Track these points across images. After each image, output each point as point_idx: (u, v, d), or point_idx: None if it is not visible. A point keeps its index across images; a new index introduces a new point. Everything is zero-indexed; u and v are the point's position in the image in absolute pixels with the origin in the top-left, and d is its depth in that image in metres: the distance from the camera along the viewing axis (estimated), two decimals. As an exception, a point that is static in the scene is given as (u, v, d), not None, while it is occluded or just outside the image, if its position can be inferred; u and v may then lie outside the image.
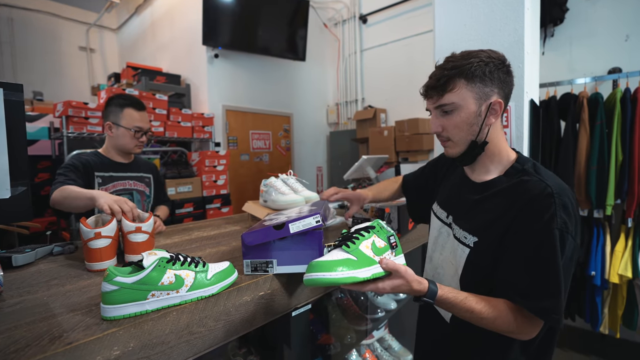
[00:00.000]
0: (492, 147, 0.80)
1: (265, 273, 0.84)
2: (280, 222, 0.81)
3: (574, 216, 0.70)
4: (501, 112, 0.78)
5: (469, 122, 0.77)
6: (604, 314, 2.12)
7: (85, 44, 4.97)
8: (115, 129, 1.44)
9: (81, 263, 0.97)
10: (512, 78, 0.79)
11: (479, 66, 0.74)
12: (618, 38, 2.52)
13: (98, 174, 1.41)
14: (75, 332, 0.57)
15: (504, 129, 1.44)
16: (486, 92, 0.76)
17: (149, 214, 1.03)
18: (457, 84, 0.76)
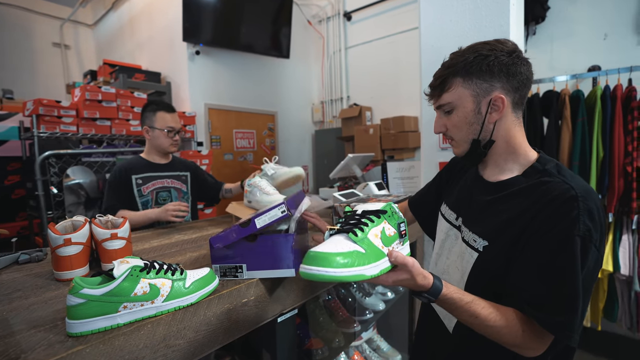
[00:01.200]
0: (505, 145, 0.74)
1: (234, 278, 0.81)
2: (245, 219, 0.78)
3: (599, 224, 0.62)
4: (504, 107, 0.71)
5: (467, 121, 0.74)
6: (586, 307, 2.16)
7: (60, 40, 4.76)
8: (151, 132, 1.60)
9: (49, 272, 0.90)
10: (524, 68, 0.71)
11: (476, 61, 0.70)
12: (597, 36, 2.58)
13: (136, 177, 1.56)
14: (35, 352, 0.52)
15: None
16: (485, 88, 0.71)
17: (123, 219, 0.97)
18: (453, 82, 0.73)
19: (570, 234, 0.61)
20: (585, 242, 0.61)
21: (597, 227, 0.62)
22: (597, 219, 0.62)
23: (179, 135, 1.64)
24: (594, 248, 0.61)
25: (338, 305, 1.35)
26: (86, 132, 2.48)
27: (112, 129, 2.62)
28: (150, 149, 1.65)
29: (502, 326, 0.64)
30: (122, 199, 1.53)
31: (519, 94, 0.72)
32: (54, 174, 2.30)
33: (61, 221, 0.93)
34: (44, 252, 1.04)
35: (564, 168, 0.71)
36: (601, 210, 0.64)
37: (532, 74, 0.73)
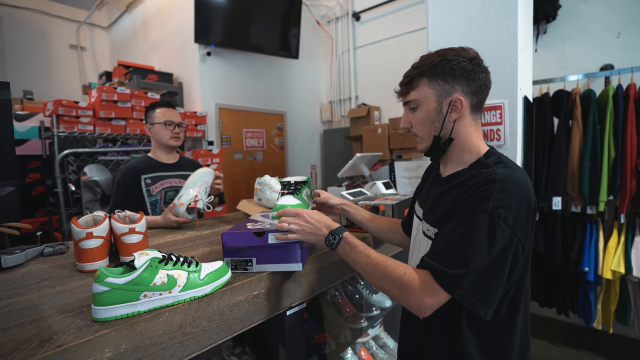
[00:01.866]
0: (461, 143, 0.82)
1: (245, 271, 0.85)
2: (261, 230, 0.83)
3: (516, 205, 0.67)
4: (463, 108, 0.78)
5: (430, 118, 0.80)
6: (597, 309, 2.14)
7: (76, 42, 4.90)
8: (152, 128, 1.63)
9: (72, 264, 0.95)
10: (483, 75, 0.78)
11: (441, 64, 0.77)
12: (610, 35, 2.55)
13: (145, 176, 1.59)
14: (65, 335, 0.56)
15: (496, 125, 1.45)
16: (447, 90, 0.78)
17: (140, 215, 1.01)
18: (420, 82, 0.80)
19: (477, 209, 0.68)
20: (493, 218, 0.66)
21: (512, 208, 0.66)
22: (515, 200, 0.67)
23: (179, 129, 1.65)
24: (503, 224, 0.66)
25: (345, 302, 1.38)
26: (102, 132, 2.56)
27: (126, 128, 2.69)
28: (155, 146, 1.68)
29: (393, 268, 0.71)
30: (129, 198, 1.53)
31: (477, 97, 0.79)
32: (72, 171, 2.39)
33: (80, 217, 0.98)
34: (66, 245, 1.10)
35: (506, 161, 0.77)
36: (528, 196, 0.69)
37: (490, 82, 0.81)
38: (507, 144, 1.44)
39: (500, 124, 1.44)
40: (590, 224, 2.17)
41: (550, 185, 2.16)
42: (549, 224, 2.29)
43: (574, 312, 2.27)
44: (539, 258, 2.30)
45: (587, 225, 2.17)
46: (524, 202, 0.68)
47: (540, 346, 2.35)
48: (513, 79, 1.42)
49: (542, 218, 2.32)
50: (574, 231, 2.22)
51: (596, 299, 2.16)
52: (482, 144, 0.82)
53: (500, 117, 1.44)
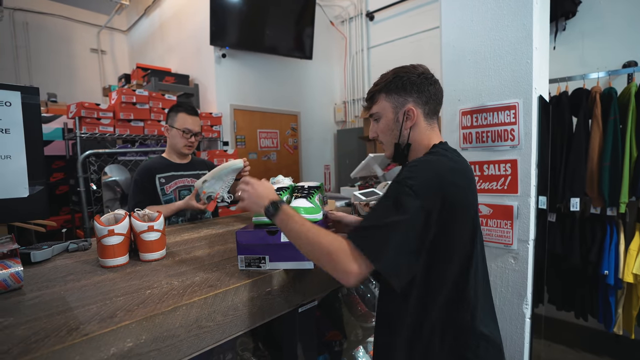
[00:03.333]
0: (419, 147, 0.91)
1: (258, 268, 0.88)
2: (274, 228, 0.86)
3: (424, 177, 0.75)
4: (415, 117, 0.88)
5: (389, 127, 0.92)
6: (617, 314, 2.08)
7: (97, 46, 5.07)
8: (170, 131, 1.66)
9: (95, 260, 1.00)
10: (432, 87, 0.89)
11: (394, 81, 0.89)
12: (633, 30, 2.46)
13: (160, 176, 1.63)
14: (90, 325, 0.60)
15: (511, 125, 1.43)
16: (401, 102, 0.89)
17: (158, 213, 1.05)
18: (379, 97, 0.93)
19: (390, 185, 0.79)
20: (399, 186, 0.75)
21: (416, 178, 0.75)
22: (419, 173, 0.76)
23: (195, 138, 1.68)
24: (407, 190, 0.73)
25: (357, 300, 1.39)
26: (122, 133, 2.65)
27: (144, 129, 2.78)
28: (169, 148, 1.71)
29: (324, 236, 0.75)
30: (147, 196, 1.59)
31: (429, 106, 0.90)
32: (94, 171, 2.48)
33: (102, 215, 1.03)
34: (89, 242, 1.15)
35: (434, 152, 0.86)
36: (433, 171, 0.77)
37: (440, 91, 0.92)
38: (521, 144, 1.42)
39: (514, 123, 1.42)
40: (611, 226, 2.11)
41: (568, 186, 2.11)
42: (567, 226, 2.24)
43: (593, 316, 2.21)
44: (556, 260, 2.24)
45: (607, 227, 2.11)
46: (430, 175, 0.77)
47: (558, 350, 2.30)
48: (528, 78, 1.39)
49: (559, 219, 2.26)
50: (592, 233, 2.16)
51: (617, 303, 2.09)
52: (433, 140, 0.91)
53: (514, 117, 1.41)
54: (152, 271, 0.90)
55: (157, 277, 0.85)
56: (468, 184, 0.83)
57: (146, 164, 1.66)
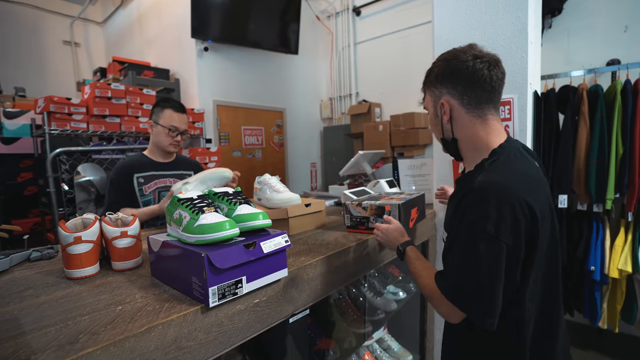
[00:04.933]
0: (468, 142, 0.83)
1: (234, 296, 0.70)
2: (250, 241, 0.73)
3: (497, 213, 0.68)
4: (450, 109, 0.81)
5: (432, 122, 0.89)
6: (602, 309, 2.10)
7: (70, 38, 4.80)
8: (154, 127, 1.56)
9: (61, 270, 0.89)
10: (467, 71, 0.77)
11: (431, 72, 0.85)
12: (617, 29, 2.49)
13: (138, 175, 1.53)
14: (45, 354, 0.50)
15: (505, 121, 1.39)
16: (436, 95, 0.84)
17: (132, 217, 0.95)
18: (426, 91, 0.90)
19: (461, 224, 0.73)
20: (472, 231, 0.70)
21: (489, 217, 0.68)
22: (491, 210, 0.68)
23: (181, 137, 1.60)
24: (483, 236, 0.68)
25: (349, 305, 1.33)
26: (96, 129, 2.49)
27: (121, 126, 2.62)
28: (152, 145, 1.61)
29: (423, 280, 0.85)
30: (124, 197, 1.49)
31: (468, 95, 0.79)
32: (65, 171, 2.32)
33: (72, 218, 0.92)
34: (55, 249, 1.04)
35: (499, 162, 0.76)
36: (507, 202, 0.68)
37: (487, 73, 0.77)
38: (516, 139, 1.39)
39: (509, 119, 1.38)
40: (597, 222, 2.13)
41: (555, 183, 2.11)
42: (555, 223, 2.25)
43: (579, 312, 2.23)
44: (544, 257, 2.25)
45: (594, 223, 2.13)
46: (505, 209, 0.68)
47: (545, 346, 2.31)
48: (523, 73, 1.36)
49: (547, 216, 2.27)
50: (580, 229, 2.18)
51: (602, 298, 2.12)
52: (492, 140, 0.81)
53: (509, 113, 1.38)
54: (125, 283, 0.81)
55: (131, 289, 0.76)
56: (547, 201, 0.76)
57: (124, 162, 1.56)
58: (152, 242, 0.83)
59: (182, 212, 0.78)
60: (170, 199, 1.30)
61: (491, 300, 0.69)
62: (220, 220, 0.72)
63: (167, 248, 0.78)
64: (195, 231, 0.73)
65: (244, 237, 0.77)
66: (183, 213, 0.78)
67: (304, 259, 0.94)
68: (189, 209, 0.77)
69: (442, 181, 1.64)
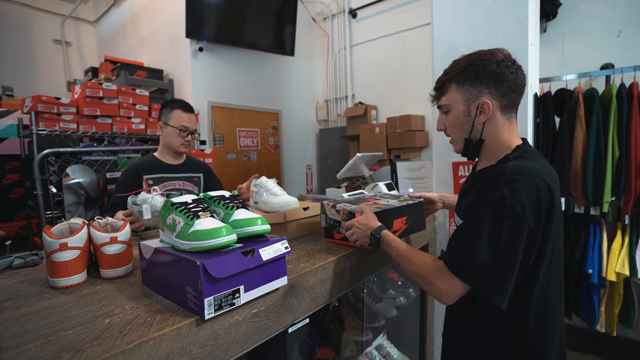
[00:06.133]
0: (494, 143, 0.84)
1: (231, 307, 0.66)
2: (248, 248, 0.69)
3: (526, 194, 0.70)
4: (491, 111, 0.80)
5: (460, 121, 0.85)
6: (600, 312, 2.10)
7: (61, 37, 4.70)
8: (164, 129, 1.57)
9: (45, 278, 0.84)
10: (513, 75, 0.80)
11: (467, 70, 0.81)
12: (610, 33, 2.51)
13: (148, 177, 1.53)
14: (23, 375, 0.46)
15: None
16: (474, 94, 0.81)
17: (123, 222, 0.91)
18: (449, 87, 0.85)
19: (486, 201, 0.73)
20: (498, 208, 0.70)
21: (518, 197, 0.69)
22: (521, 190, 0.70)
23: (192, 137, 1.60)
24: (509, 213, 0.69)
25: (348, 312, 1.29)
26: (86, 130, 2.42)
27: (113, 126, 2.56)
28: (163, 147, 1.62)
29: (416, 259, 0.81)
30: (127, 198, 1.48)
31: (507, 98, 0.81)
32: (53, 172, 2.25)
33: (60, 222, 0.88)
34: (39, 255, 0.99)
35: (527, 155, 0.80)
36: (535, 187, 0.71)
37: (522, 80, 0.82)
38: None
39: (510, 122, 1.37)
40: (594, 225, 2.12)
41: (553, 186, 2.11)
42: (552, 226, 2.24)
43: (577, 315, 2.22)
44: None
45: (591, 226, 2.12)
46: (534, 191, 0.71)
47: (543, 350, 2.30)
48: (524, 75, 1.34)
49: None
50: (577, 232, 2.17)
51: (599, 301, 2.11)
52: (514, 140, 0.84)
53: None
54: (115, 292, 0.76)
55: (120, 300, 0.71)
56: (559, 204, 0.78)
57: (134, 163, 1.59)
58: (144, 249, 0.79)
59: (176, 217, 0.74)
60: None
61: (506, 278, 0.70)
62: (217, 226, 0.68)
63: (160, 255, 0.73)
64: (190, 238, 0.68)
65: (242, 243, 0.73)
66: (177, 218, 0.74)
67: (304, 266, 0.90)
68: (183, 214, 0.73)
69: (442, 184, 1.62)
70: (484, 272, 0.70)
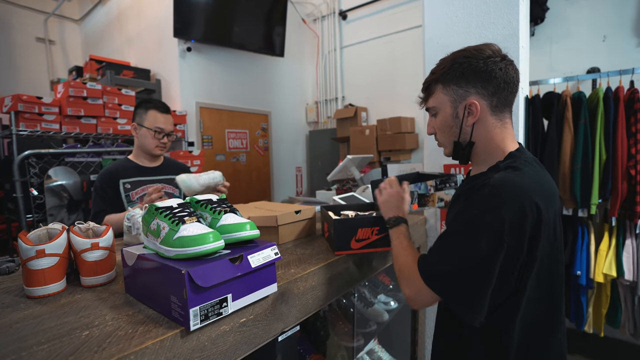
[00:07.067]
0: (485, 146, 0.80)
1: (218, 317, 0.63)
2: (236, 255, 0.65)
3: (508, 212, 0.66)
4: (478, 112, 0.76)
5: (447, 124, 0.80)
6: (588, 313, 2.12)
7: (44, 35, 4.57)
8: (139, 130, 1.50)
9: (21, 286, 0.79)
10: (502, 72, 0.74)
11: (452, 69, 0.76)
12: (596, 38, 2.56)
13: (124, 181, 1.47)
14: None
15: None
16: (461, 94, 0.77)
17: (105, 227, 0.87)
18: (435, 88, 0.81)
19: (468, 213, 0.71)
20: (477, 223, 0.68)
21: (498, 213, 0.66)
22: (502, 207, 0.66)
23: (167, 139, 1.53)
24: (487, 230, 0.66)
25: (339, 317, 1.27)
26: (70, 131, 2.34)
27: (97, 127, 2.49)
28: (137, 149, 1.55)
29: (405, 259, 0.80)
30: (110, 204, 1.43)
31: (497, 97, 0.76)
32: (34, 174, 2.17)
33: (42, 225, 0.83)
34: (16, 262, 0.93)
35: (518, 165, 0.74)
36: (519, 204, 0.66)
37: (514, 76, 0.76)
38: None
39: (501, 124, 1.37)
40: (582, 227, 2.15)
41: (542, 188, 2.13)
42: (540, 227, 2.26)
43: (565, 316, 2.24)
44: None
45: (579, 228, 2.15)
46: (516, 208, 0.66)
47: (532, 351, 2.32)
48: (514, 77, 1.35)
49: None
50: (565, 234, 2.20)
51: (587, 302, 2.14)
52: (508, 145, 0.79)
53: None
54: (95, 301, 0.72)
55: (101, 310, 0.67)
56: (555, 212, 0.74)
57: (108, 168, 1.50)
58: (127, 255, 0.75)
59: (161, 223, 0.70)
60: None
61: (478, 295, 0.67)
62: (203, 231, 0.65)
63: (143, 262, 0.70)
64: (175, 244, 0.65)
65: (230, 249, 0.70)
66: (161, 223, 0.70)
67: (294, 271, 0.87)
68: (167, 219, 0.69)
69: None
70: (449, 279, 0.69)
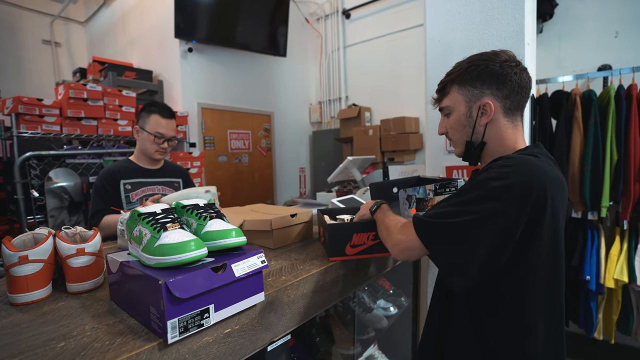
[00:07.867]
0: (496, 146, 0.81)
1: (199, 328, 0.60)
2: (219, 263, 0.63)
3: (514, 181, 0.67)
4: (492, 112, 0.78)
5: (461, 123, 0.83)
6: (598, 319, 2.05)
7: (50, 37, 4.62)
8: (140, 133, 1.50)
9: (4, 293, 0.77)
10: (517, 77, 0.77)
11: (469, 70, 0.80)
12: (608, 34, 2.48)
13: (125, 182, 1.47)
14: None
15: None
16: (476, 95, 0.80)
17: (93, 232, 0.84)
18: (451, 89, 0.84)
19: (475, 180, 0.73)
20: (480, 185, 0.69)
21: (505, 181, 0.67)
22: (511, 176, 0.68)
23: (168, 144, 1.52)
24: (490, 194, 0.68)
25: (337, 323, 1.23)
26: (70, 132, 2.35)
27: (98, 129, 2.49)
28: (138, 151, 1.56)
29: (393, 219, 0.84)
30: (110, 204, 1.42)
31: (510, 100, 0.79)
32: (35, 176, 2.17)
33: (41, 226, 0.81)
34: (1, 271, 0.91)
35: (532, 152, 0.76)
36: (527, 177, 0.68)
37: (527, 82, 0.79)
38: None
39: (505, 124, 1.32)
40: (592, 230, 2.08)
41: (549, 190, 2.06)
42: (548, 230, 2.19)
43: (574, 322, 2.17)
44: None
45: (589, 231, 2.08)
46: (525, 180, 0.67)
47: (540, 358, 2.25)
48: (519, 75, 1.29)
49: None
50: (574, 238, 2.13)
51: (597, 308, 2.06)
52: (519, 144, 0.81)
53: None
54: (78, 309, 0.69)
55: (82, 318, 0.65)
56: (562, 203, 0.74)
57: (109, 168, 1.50)
58: (111, 262, 0.72)
59: (143, 229, 0.67)
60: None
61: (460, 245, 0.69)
62: (185, 239, 0.62)
63: (126, 269, 0.67)
64: (156, 252, 0.62)
65: (214, 257, 0.67)
66: (143, 230, 0.67)
67: (285, 279, 0.84)
68: (149, 226, 0.66)
69: (435, 189, 1.56)
70: (435, 226, 0.71)
